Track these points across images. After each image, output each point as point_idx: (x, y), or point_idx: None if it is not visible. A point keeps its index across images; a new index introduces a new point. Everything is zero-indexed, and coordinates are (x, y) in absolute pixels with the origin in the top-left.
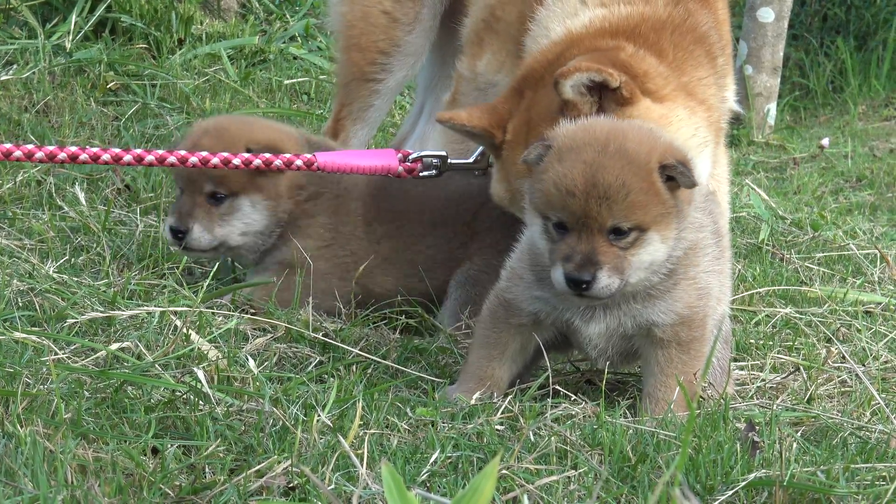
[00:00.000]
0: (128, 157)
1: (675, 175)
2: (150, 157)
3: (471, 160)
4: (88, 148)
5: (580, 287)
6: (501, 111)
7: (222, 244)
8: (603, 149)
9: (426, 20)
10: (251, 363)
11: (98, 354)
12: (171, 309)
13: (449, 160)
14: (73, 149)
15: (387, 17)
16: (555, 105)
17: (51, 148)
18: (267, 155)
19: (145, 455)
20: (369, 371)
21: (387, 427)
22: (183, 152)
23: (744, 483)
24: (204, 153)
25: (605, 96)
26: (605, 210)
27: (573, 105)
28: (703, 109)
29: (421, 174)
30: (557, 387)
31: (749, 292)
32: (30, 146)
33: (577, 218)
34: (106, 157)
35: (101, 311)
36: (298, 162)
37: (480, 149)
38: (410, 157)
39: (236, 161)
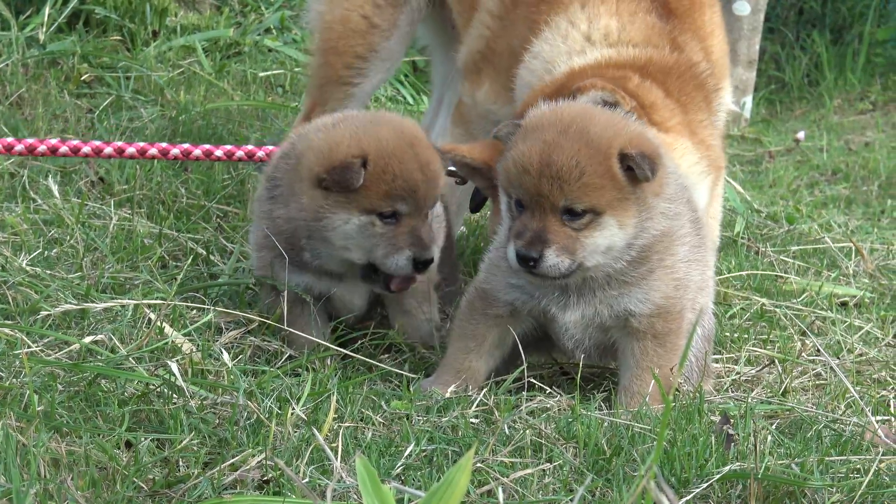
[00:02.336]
0: (108, 150)
1: (632, 165)
2: (130, 150)
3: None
4: (69, 140)
5: (528, 264)
6: (501, 147)
7: None
8: (564, 130)
9: (403, 26)
10: (225, 356)
11: (71, 347)
12: (144, 302)
13: None
14: (54, 141)
15: (366, 22)
16: None
17: (30, 140)
18: (249, 146)
19: (119, 448)
20: (344, 364)
21: (361, 420)
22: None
23: (718, 476)
24: (185, 146)
25: None
26: (556, 189)
27: None
28: (704, 148)
29: None
30: (532, 380)
31: (722, 276)
32: (9, 139)
33: (532, 196)
34: (86, 149)
35: (75, 304)
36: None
37: None
38: None
39: (219, 153)
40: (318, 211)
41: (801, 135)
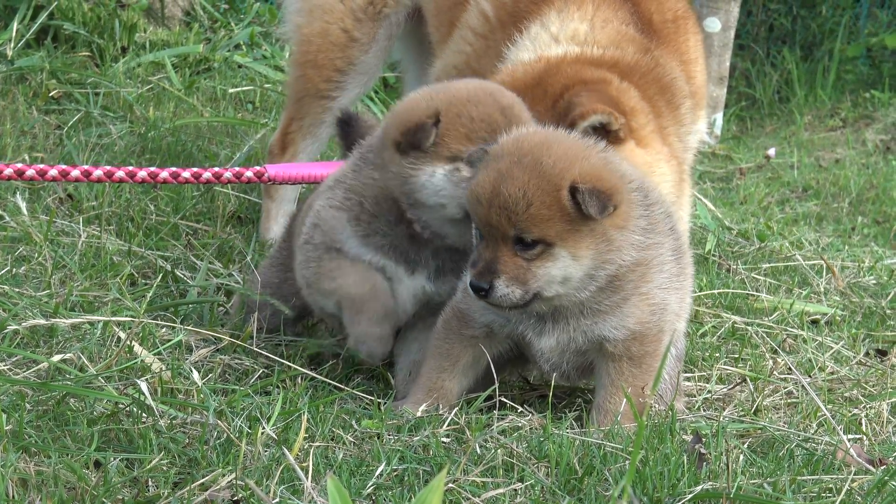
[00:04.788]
0: (75, 173)
1: (579, 200)
2: (97, 172)
3: None
4: (35, 164)
5: (479, 293)
6: None
7: None
8: (519, 159)
9: (382, 40)
10: (195, 375)
11: (40, 366)
12: (114, 319)
13: None
14: (20, 165)
15: (346, 35)
16: None
17: None
18: (216, 168)
19: (88, 468)
20: (315, 382)
21: (332, 439)
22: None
23: (690, 495)
24: (151, 168)
25: (597, 133)
26: (504, 220)
27: None
28: (675, 160)
29: None
30: (504, 399)
31: (694, 295)
32: None
33: (483, 225)
34: (53, 172)
35: (44, 320)
36: (248, 174)
37: None
38: None
39: (186, 174)
40: (404, 174)
41: (771, 151)
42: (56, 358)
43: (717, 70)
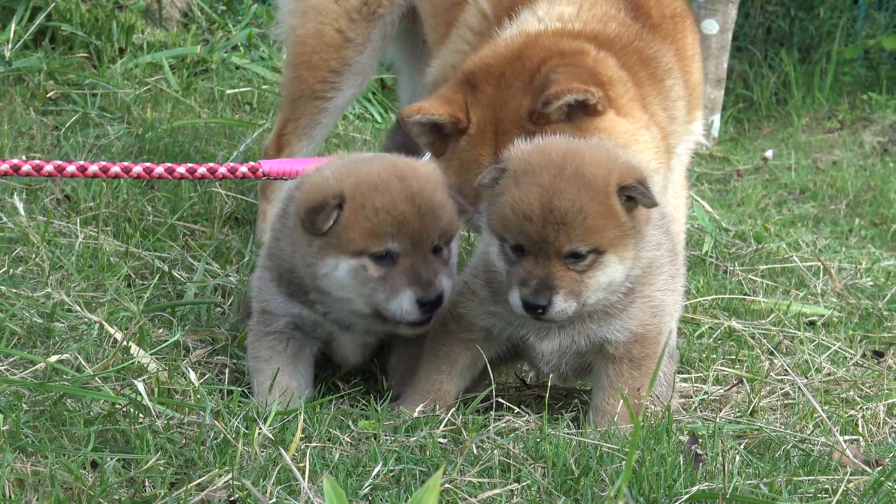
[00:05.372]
0: (71, 168)
1: (636, 195)
2: (93, 168)
3: None
4: (31, 160)
5: (536, 311)
6: (457, 100)
7: None
8: (559, 172)
9: (376, 41)
10: (192, 375)
11: (37, 367)
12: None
13: None
14: (16, 160)
15: (340, 36)
16: (524, 110)
17: None
18: (210, 164)
19: (85, 469)
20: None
21: (329, 440)
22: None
23: (687, 496)
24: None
25: (574, 105)
26: (562, 235)
27: (544, 115)
28: (656, 128)
29: None
30: (501, 399)
31: (693, 301)
32: None
33: (534, 242)
34: (49, 168)
35: (40, 321)
36: (243, 169)
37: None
38: None
39: (181, 169)
40: (307, 257)
41: (769, 153)
42: (53, 358)
43: (714, 72)
